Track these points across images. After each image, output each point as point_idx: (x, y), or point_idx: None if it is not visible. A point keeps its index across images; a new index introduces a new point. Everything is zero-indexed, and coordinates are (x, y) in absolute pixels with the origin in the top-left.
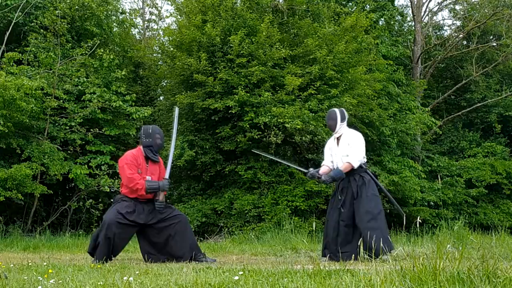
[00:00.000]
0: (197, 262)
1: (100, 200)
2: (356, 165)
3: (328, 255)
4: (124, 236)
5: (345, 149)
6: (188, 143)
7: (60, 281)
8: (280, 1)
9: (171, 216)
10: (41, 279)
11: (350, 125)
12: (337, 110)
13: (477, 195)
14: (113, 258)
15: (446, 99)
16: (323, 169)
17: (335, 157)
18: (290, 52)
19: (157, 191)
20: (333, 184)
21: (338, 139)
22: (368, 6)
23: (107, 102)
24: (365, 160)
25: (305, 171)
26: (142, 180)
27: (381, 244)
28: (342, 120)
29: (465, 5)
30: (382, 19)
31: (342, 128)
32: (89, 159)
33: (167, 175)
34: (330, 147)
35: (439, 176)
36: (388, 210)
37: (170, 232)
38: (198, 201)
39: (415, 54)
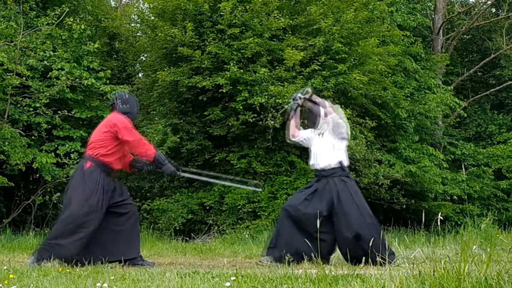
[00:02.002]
0: (133, 266)
1: None
2: (339, 115)
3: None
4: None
5: (329, 141)
6: (172, 127)
7: None
8: None
9: (127, 204)
10: (0, 285)
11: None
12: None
13: (508, 187)
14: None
15: (472, 76)
16: (293, 122)
17: (317, 150)
18: (290, 21)
19: (158, 165)
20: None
21: (321, 135)
22: None
23: (77, 79)
24: (348, 162)
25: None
26: (149, 144)
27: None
28: (326, 115)
29: None
30: None
31: (326, 125)
32: (56, 146)
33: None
34: (309, 137)
35: (463, 166)
36: (404, 206)
37: (120, 224)
38: (183, 195)
39: (435, 23)
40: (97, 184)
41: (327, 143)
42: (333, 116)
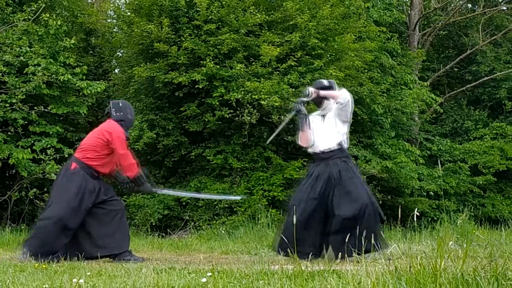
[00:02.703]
0: (122, 261)
1: (45, 189)
2: (343, 97)
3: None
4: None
5: (331, 125)
6: (148, 123)
7: None
8: None
9: (112, 201)
10: None
11: None
12: (324, 81)
13: (484, 183)
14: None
15: (448, 72)
16: (305, 133)
17: (317, 133)
18: (267, 17)
19: (137, 184)
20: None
21: (324, 116)
22: None
23: (53, 75)
24: (348, 144)
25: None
26: (134, 163)
27: (373, 241)
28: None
29: None
30: None
31: (330, 104)
32: (32, 141)
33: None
34: (312, 120)
35: (439, 162)
36: (380, 201)
37: (106, 221)
38: None
39: (412, 19)
40: (80, 187)
41: (329, 125)
42: (339, 99)
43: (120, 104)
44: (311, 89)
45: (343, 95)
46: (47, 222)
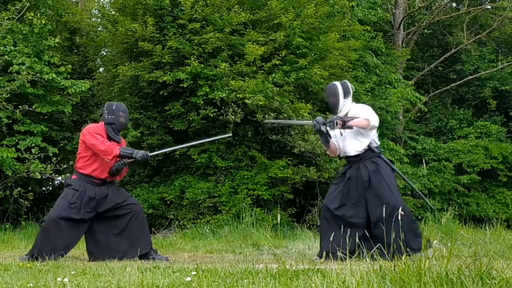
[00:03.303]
0: (145, 260)
1: (30, 188)
2: (373, 122)
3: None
4: (73, 233)
5: (352, 131)
6: (133, 122)
7: None
8: None
9: (125, 205)
10: None
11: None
12: (338, 83)
13: (469, 182)
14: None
15: (433, 71)
16: (330, 147)
17: (341, 139)
18: (251, 16)
19: (125, 159)
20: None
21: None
22: None
23: (38, 74)
24: (378, 142)
25: (311, 122)
26: (112, 144)
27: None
28: (346, 95)
29: None
30: None
31: (347, 105)
32: (17, 140)
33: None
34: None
35: (424, 161)
36: None
37: (124, 226)
38: (143, 189)
39: (396, 18)
40: (78, 196)
41: (351, 131)
42: (371, 126)
43: (113, 107)
44: (337, 120)
45: (372, 121)
46: (44, 223)
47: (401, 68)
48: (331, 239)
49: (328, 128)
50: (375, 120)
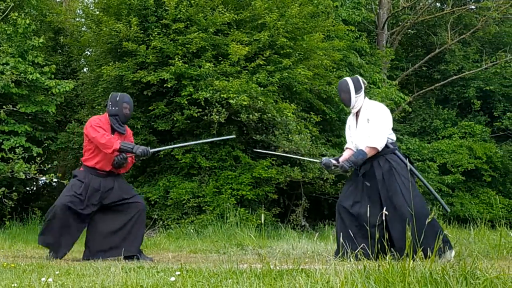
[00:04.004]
0: (130, 260)
1: (14, 188)
2: (380, 147)
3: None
4: (77, 226)
5: (365, 128)
6: None
7: None
8: None
9: (131, 202)
10: None
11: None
12: (349, 79)
13: (453, 182)
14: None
15: (417, 71)
16: (346, 154)
17: (355, 139)
18: (235, 16)
19: (125, 153)
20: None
21: (356, 115)
22: None
23: (22, 74)
24: (394, 138)
25: (318, 161)
26: (113, 137)
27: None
28: (357, 90)
29: None
30: None
31: (359, 101)
32: (1, 140)
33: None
34: (349, 125)
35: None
36: None
37: (125, 223)
38: None
39: (380, 18)
40: (83, 187)
41: (364, 127)
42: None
43: (117, 98)
44: (346, 167)
45: (379, 145)
46: (53, 208)
47: (385, 68)
48: (346, 238)
49: (340, 166)
50: (381, 137)
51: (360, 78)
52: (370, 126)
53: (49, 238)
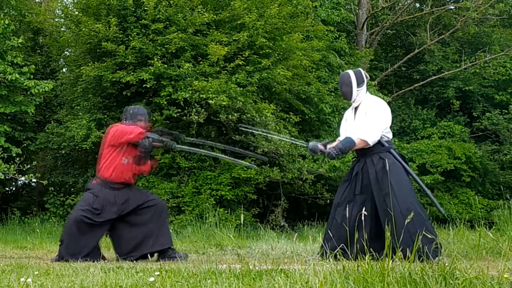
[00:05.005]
0: (166, 260)
1: None
2: (371, 141)
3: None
4: (93, 234)
5: (362, 121)
6: (96, 122)
7: None
8: None
9: (149, 206)
10: None
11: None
12: (351, 72)
13: (432, 182)
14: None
15: (396, 71)
16: (335, 143)
17: (352, 131)
18: (214, 16)
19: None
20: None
21: (356, 109)
22: None
23: (1, 74)
24: (390, 136)
25: (305, 144)
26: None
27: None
28: (360, 84)
29: None
30: None
31: (360, 94)
32: None
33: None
34: (346, 118)
35: (387, 161)
36: (328, 201)
37: (146, 224)
38: None
39: (359, 18)
40: (98, 201)
41: (361, 122)
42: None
43: (132, 111)
44: (333, 153)
45: (370, 139)
46: (68, 221)
47: (365, 68)
48: (336, 237)
49: (327, 153)
50: (373, 131)
51: (362, 71)
52: (366, 119)
53: (70, 249)
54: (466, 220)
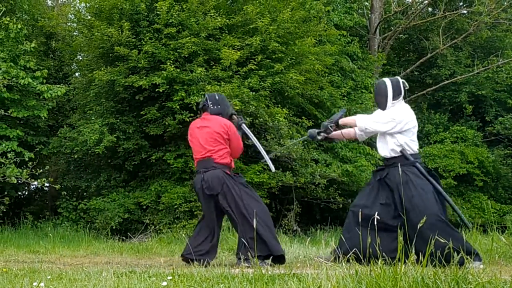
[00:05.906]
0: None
1: (6, 193)
2: (359, 124)
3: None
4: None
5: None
6: (109, 126)
7: None
8: None
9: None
10: None
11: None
12: (388, 81)
13: (445, 187)
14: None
15: (409, 76)
16: (338, 137)
17: (377, 138)
18: (227, 21)
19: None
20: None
21: None
22: None
23: (14, 79)
24: (415, 148)
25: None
26: None
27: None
28: (396, 96)
29: None
30: None
31: (396, 106)
32: None
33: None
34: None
35: (399, 166)
36: (341, 205)
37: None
38: (120, 194)
39: (372, 23)
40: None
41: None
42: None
43: (217, 97)
44: (329, 125)
45: (359, 122)
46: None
47: (377, 73)
48: (354, 240)
49: (324, 135)
50: (370, 119)
51: (401, 80)
52: (379, 111)
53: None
54: (479, 224)
